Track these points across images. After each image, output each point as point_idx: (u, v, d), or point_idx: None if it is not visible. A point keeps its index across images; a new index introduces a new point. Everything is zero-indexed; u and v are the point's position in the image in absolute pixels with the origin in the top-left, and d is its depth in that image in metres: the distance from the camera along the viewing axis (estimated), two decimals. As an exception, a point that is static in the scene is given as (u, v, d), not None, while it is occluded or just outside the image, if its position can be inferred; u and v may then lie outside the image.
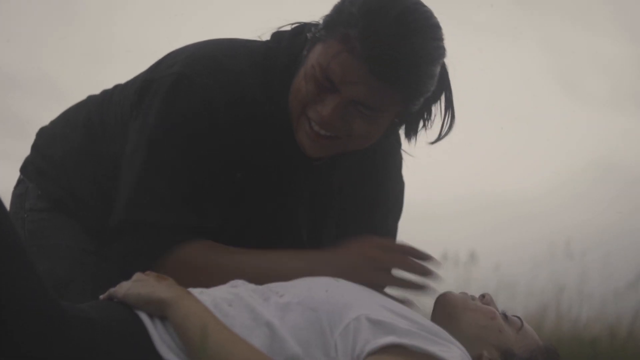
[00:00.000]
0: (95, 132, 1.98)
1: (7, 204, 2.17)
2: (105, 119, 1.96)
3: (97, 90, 2.10)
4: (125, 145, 1.83)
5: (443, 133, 1.85)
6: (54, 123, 2.15)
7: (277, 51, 1.81)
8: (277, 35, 1.84)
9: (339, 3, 1.74)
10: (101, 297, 1.62)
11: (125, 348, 1.50)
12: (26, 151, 2.21)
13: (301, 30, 1.79)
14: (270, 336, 1.53)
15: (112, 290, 1.60)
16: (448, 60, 1.81)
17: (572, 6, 6.91)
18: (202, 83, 1.77)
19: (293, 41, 1.80)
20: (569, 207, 6.51)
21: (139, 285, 1.57)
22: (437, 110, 1.83)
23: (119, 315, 1.55)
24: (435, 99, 1.81)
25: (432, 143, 1.88)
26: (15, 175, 2.22)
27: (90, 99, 2.07)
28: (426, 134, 1.87)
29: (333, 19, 1.71)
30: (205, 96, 1.76)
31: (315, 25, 1.76)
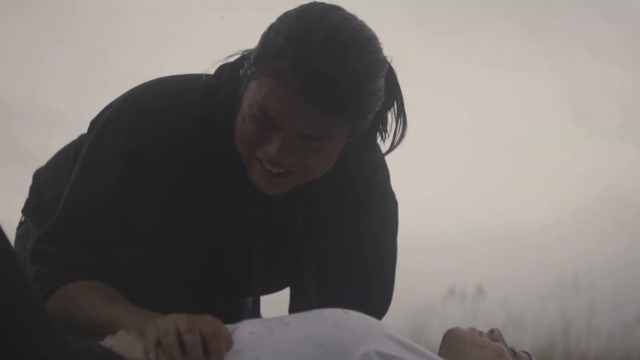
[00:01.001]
0: None
1: (7, 232, 2.16)
2: None
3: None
4: None
5: (395, 142, 1.79)
6: (48, 163, 2.17)
7: (216, 87, 1.76)
8: (220, 69, 1.79)
9: (264, 35, 1.67)
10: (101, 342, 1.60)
11: None
12: (26, 179, 2.23)
13: (242, 61, 1.74)
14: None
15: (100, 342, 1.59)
16: (401, 67, 1.74)
17: (585, 36, 6.92)
18: (127, 127, 1.75)
19: (232, 74, 1.75)
20: (576, 238, 6.49)
21: (120, 345, 1.55)
22: (392, 119, 1.77)
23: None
24: (387, 109, 1.75)
25: (386, 154, 1.83)
26: (15, 203, 2.25)
27: (81, 138, 2.06)
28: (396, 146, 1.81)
29: (261, 53, 1.65)
30: (129, 140, 1.75)
31: (248, 58, 1.70)
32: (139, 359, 1.50)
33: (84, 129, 2.09)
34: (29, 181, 2.22)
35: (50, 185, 2.09)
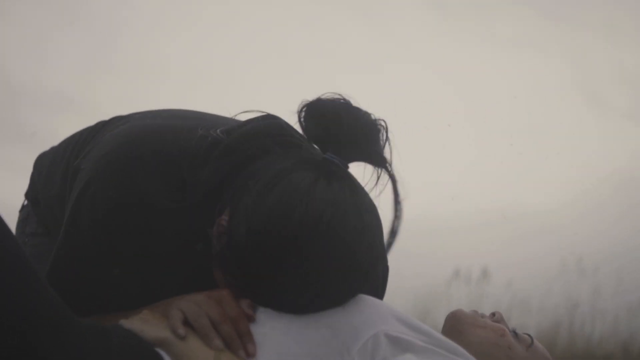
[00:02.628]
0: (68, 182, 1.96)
1: (13, 215, 2.18)
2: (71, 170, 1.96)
3: (105, 101, 2.09)
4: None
5: None
6: (52, 150, 2.14)
7: (201, 169, 1.72)
8: (214, 141, 1.73)
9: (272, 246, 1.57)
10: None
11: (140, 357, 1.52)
12: (32, 162, 2.21)
13: (233, 149, 1.70)
14: (284, 354, 1.52)
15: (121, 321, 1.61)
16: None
17: (597, 19, 6.90)
18: (104, 197, 1.73)
19: (222, 161, 1.70)
20: (582, 221, 6.49)
21: (141, 322, 1.58)
22: None
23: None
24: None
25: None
26: (21, 185, 2.24)
27: (81, 134, 2.04)
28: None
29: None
30: (106, 213, 1.73)
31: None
32: (163, 337, 1.53)
33: (91, 112, 2.10)
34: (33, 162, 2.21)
35: (44, 183, 2.08)
